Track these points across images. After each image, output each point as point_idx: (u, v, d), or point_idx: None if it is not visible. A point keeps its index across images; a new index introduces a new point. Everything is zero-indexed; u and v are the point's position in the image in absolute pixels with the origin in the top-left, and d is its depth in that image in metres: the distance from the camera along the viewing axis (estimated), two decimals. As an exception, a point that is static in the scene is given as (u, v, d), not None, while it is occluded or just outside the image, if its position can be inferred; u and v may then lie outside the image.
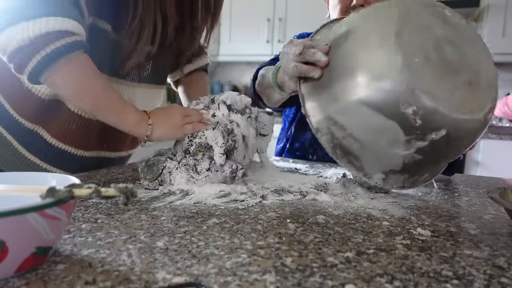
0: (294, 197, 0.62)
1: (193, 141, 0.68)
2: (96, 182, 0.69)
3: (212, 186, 0.63)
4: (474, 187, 0.76)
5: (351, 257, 0.38)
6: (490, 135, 2.17)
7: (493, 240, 0.45)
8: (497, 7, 2.41)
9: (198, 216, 0.51)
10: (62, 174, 0.42)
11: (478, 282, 0.34)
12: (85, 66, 0.66)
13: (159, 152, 0.73)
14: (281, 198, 0.60)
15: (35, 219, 0.31)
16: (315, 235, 0.44)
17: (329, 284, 0.32)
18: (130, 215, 0.50)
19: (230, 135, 0.68)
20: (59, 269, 0.34)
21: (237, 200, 0.58)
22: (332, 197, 0.61)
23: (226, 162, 0.67)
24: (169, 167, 0.65)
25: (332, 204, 0.58)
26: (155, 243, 0.40)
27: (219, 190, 0.62)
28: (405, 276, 0.34)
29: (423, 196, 0.67)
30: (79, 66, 0.65)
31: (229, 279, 0.33)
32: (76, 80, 0.66)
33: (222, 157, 0.65)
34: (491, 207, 0.60)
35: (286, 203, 0.59)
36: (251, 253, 0.39)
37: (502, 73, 2.66)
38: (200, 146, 0.67)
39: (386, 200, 0.62)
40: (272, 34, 2.99)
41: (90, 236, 0.42)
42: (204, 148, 0.67)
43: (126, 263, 0.35)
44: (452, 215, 0.55)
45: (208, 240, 0.42)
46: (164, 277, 0.33)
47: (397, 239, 0.44)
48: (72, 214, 0.48)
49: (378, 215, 0.54)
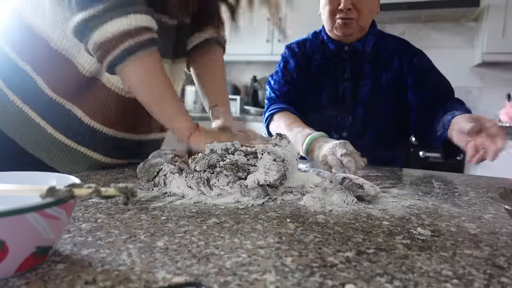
0: (294, 196, 0.62)
1: (227, 157, 0.62)
2: (96, 182, 0.69)
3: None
4: (474, 187, 0.76)
5: (351, 256, 0.38)
6: (490, 135, 2.17)
7: (493, 240, 0.45)
8: (497, 7, 2.41)
9: (198, 216, 0.51)
10: (62, 174, 0.42)
11: (478, 282, 0.34)
12: (153, 64, 0.70)
13: (158, 153, 0.73)
14: (281, 197, 0.60)
15: (35, 219, 0.31)
16: (315, 235, 0.44)
17: (329, 284, 0.32)
18: (130, 214, 0.50)
19: (283, 164, 0.61)
20: (59, 268, 0.34)
21: (238, 201, 0.58)
22: (311, 200, 0.58)
23: (255, 188, 0.59)
24: (165, 170, 0.64)
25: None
26: (155, 242, 0.40)
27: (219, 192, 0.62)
28: (405, 276, 0.34)
29: (423, 196, 0.67)
30: (148, 63, 0.69)
31: (229, 279, 0.33)
32: (142, 77, 0.70)
33: (255, 182, 0.59)
34: (491, 207, 0.60)
35: (286, 202, 0.59)
36: (251, 252, 0.39)
37: (502, 73, 2.66)
38: (234, 165, 0.61)
39: (386, 200, 0.62)
40: (272, 34, 2.99)
41: (90, 236, 0.42)
42: (236, 168, 0.61)
43: (126, 262, 0.35)
44: (452, 215, 0.55)
45: (208, 240, 0.42)
46: (164, 276, 0.33)
47: (397, 239, 0.44)
48: (72, 213, 0.48)
49: (378, 214, 0.54)
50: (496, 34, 2.41)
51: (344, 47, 1.15)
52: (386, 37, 1.19)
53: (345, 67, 1.16)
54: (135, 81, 0.70)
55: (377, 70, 1.14)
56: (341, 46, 1.16)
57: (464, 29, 2.78)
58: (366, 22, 1.11)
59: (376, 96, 1.13)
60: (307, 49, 1.22)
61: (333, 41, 1.16)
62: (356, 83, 1.15)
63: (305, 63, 1.21)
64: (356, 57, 1.15)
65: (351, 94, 1.15)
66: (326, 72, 1.18)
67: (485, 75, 2.72)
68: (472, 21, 2.74)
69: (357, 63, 1.15)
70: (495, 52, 2.43)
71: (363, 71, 1.15)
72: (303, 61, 1.21)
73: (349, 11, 1.06)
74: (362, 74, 1.15)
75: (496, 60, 2.49)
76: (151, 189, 0.63)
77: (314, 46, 1.22)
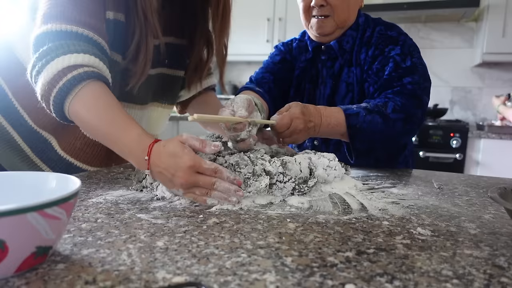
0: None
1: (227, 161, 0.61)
2: (96, 182, 0.69)
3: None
4: (474, 187, 0.76)
5: (351, 256, 0.38)
6: (490, 135, 2.17)
7: (493, 240, 0.45)
8: (497, 7, 2.41)
9: (198, 215, 0.51)
10: (62, 174, 0.42)
11: (478, 282, 0.34)
12: (93, 94, 0.65)
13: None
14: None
15: (35, 219, 0.31)
16: (315, 235, 0.44)
17: (329, 283, 0.32)
18: (130, 214, 0.50)
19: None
20: (59, 268, 0.34)
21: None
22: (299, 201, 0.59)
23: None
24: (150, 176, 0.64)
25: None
26: (155, 242, 0.40)
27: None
28: (405, 276, 0.34)
29: (423, 196, 0.67)
30: (88, 93, 0.64)
31: (229, 279, 0.33)
32: (88, 109, 0.64)
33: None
34: (491, 207, 0.60)
35: (286, 202, 0.58)
36: (251, 252, 0.39)
37: (502, 73, 2.66)
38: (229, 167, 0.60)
39: (386, 200, 0.62)
40: (272, 33, 2.99)
41: (90, 236, 0.42)
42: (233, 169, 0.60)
43: (126, 262, 0.35)
44: (452, 215, 0.55)
45: (208, 240, 0.42)
46: (164, 276, 0.33)
47: (397, 239, 0.44)
48: (72, 213, 0.48)
49: (378, 214, 0.54)
50: (496, 34, 2.41)
51: (321, 47, 1.04)
52: (367, 27, 1.02)
53: (322, 69, 1.05)
54: (82, 114, 0.64)
55: (349, 68, 1.02)
56: (318, 46, 1.04)
57: (464, 29, 2.77)
58: (344, 18, 0.98)
59: (349, 97, 1.02)
60: (294, 49, 1.13)
61: (311, 41, 1.06)
62: (332, 85, 1.04)
63: (290, 65, 1.11)
64: (333, 58, 1.03)
65: (325, 98, 1.04)
66: (307, 75, 1.08)
67: (485, 75, 2.72)
68: (472, 21, 2.74)
69: (334, 63, 1.04)
70: (495, 52, 2.43)
71: (339, 72, 1.03)
72: (288, 62, 1.12)
73: (322, 8, 0.95)
74: (337, 76, 1.03)
75: (496, 60, 2.49)
76: (139, 190, 0.64)
77: (301, 47, 1.10)
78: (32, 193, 0.41)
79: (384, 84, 0.92)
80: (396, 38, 0.97)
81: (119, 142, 0.62)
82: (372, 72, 0.95)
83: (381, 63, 0.94)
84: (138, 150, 0.60)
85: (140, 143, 0.60)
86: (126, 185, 0.67)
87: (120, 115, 0.63)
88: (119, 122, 0.63)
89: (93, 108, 0.64)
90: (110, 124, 0.63)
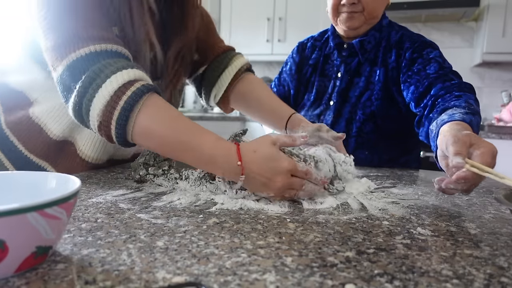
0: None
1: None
2: (97, 182, 0.69)
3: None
4: (474, 186, 0.76)
5: (351, 256, 0.38)
6: (490, 135, 2.17)
7: (493, 240, 0.45)
8: (497, 7, 2.41)
9: (198, 215, 0.51)
10: (62, 174, 0.42)
11: (478, 282, 0.34)
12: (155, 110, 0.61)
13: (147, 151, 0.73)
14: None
15: (35, 219, 0.31)
16: (315, 235, 0.44)
17: (329, 283, 0.32)
18: (130, 214, 0.50)
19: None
20: (59, 268, 0.34)
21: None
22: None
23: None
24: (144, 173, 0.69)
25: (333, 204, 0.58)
26: (155, 242, 0.40)
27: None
28: (405, 276, 0.34)
29: (423, 196, 0.67)
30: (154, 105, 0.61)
31: (229, 279, 0.33)
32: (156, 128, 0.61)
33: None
34: (491, 207, 0.60)
35: (286, 202, 0.58)
36: (251, 252, 0.39)
37: (502, 73, 2.66)
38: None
39: (386, 200, 0.62)
40: (272, 33, 2.99)
41: (90, 236, 0.42)
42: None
43: (126, 262, 0.35)
44: (452, 215, 0.55)
45: (208, 240, 0.42)
46: (164, 276, 0.33)
47: (397, 239, 0.44)
48: (72, 213, 0.48)
49: (378, 214, 0.54)
50: (496, 34, 2.41)
51: (343, 45, 1.12)
52: (392, 30, 1.11)
53: (340, 65, 1.13)
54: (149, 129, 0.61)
55: (371, 67, 1.09)
56: (340, 43, 1.13)
57: (464, 28, 2.78)
58: (374, 14, 1.05)
59: (367, 95, 1.08)
60: (307, 49, 1.22)
61: (334, 38, 1.14)
62: (348, 81, 1.10)
63: (302, 63, 1.21)
64: (353, 55, 1.11)
65: (339, 92, 1.11)
66: (318, 68, 1.16)
67: (485, 75, 2.72)
68: (472, 21, 2.74)
69: (353, 61, 1.11)
70: (495, 52, 2.43)
71: (357, 70, 1.10)
72: (301, 61, 1.21)
73: (353, 5, 1.03)
74: (353, 72, 1.10)
75: (496, 60, 2.49)
76: (138, 180, 0.68)
77: (315, 45, 1.20)
78: (32, 193, 0.41)
79: (434, 80, 0.97)
80: (431, 43, 1.07)
81: (198, 149, 0.58)
82: (413, 73, 1.01)
83: (422, 64, 1.01)
84: (221, 156, 0.57)
85: (223, 149, 0.58)
86: (126, 185, 0.67)
87: (190, 122, 0.61)
88: (192, 130, 0.60)
89: (161, 119, 0.61)
90: (184, 133, 0.60)
